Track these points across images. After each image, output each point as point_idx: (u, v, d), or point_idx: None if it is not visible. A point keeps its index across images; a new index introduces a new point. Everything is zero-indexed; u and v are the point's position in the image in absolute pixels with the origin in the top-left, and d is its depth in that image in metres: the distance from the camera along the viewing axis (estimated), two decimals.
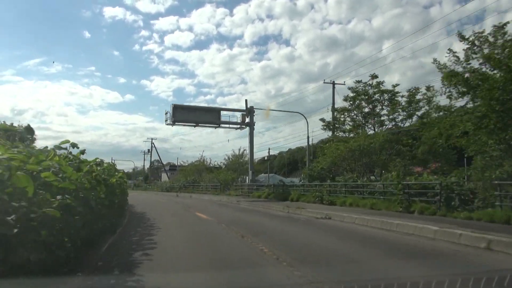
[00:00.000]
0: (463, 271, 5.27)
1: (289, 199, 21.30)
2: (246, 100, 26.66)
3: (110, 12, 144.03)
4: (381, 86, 22.06)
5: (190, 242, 8.11)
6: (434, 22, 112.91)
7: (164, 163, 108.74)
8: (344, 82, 28.36)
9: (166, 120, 26.99)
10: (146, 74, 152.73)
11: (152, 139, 67.81)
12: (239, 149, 41.54)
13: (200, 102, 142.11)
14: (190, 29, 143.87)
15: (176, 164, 75.24)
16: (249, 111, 28.50)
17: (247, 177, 35.45)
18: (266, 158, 46.57)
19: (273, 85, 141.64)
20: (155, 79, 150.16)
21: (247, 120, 28.43)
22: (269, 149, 47.41)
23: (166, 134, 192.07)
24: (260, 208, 18.52)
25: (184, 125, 28.16)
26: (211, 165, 53.74)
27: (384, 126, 23.26)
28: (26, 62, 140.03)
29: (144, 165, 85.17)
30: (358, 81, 23.02)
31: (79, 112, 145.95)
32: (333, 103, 26.89)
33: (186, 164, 56.23)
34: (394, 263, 5.88)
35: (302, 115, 23.80)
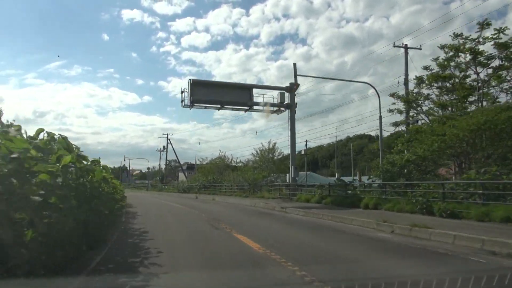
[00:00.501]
0: None
1: (360, 206, 14.55)
2: (294, 65, 19.25)
3: (128, 14, 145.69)
4: (501, 34, 14.78)
5: None
6: (455, 18, 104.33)
7: (181, 162, 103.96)
8: (420, 46, 21.49)
9: (182, 101, 20.63)
10: (164, 75, 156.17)
11: (168, 134, 61.92)
12: (269, 142, 34.95)
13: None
14: (207, 30, 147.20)
15: (194, 162, 69.28)
16: (290, 88, 21.83)
17: (282, 176, 28.86)
18: (303, 152, 39.69)
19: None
20: (172, 80, 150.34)
21: (287, 100, 21.76)
22: (306, 141, 40.49)
23: (183, 134, 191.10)
24: (330, 220, 11.81)
25: (205, 107, 21.67)
26: (232, 163, 47.35)
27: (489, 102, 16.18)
28: (47, 65, 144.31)
29: (160, 164, 79.43)
30: (457, 35, 15.96)
31: (98, 114, 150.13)
32: (406, 75, 20.00)
33: (205, 162, 50.03)
34: None
35: (373, 87, 17.10)
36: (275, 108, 22.00)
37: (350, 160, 48.76)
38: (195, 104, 20.64)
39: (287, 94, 21.81)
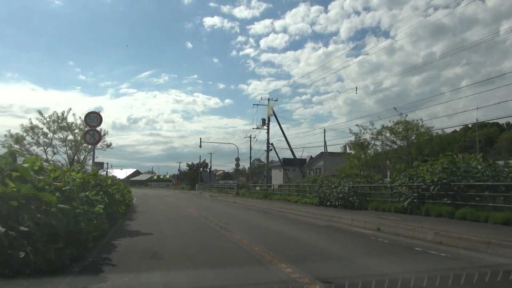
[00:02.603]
0: None
1: None
2: None
3: (209, 21, 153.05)
4: None
5: None
6: None
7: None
8: None
9: None
10: (244, 78, 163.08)
11: (269, 99, 36.68)
12: None
13: (296, 102, 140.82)
14: (285, 30, 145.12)
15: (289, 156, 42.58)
16: None
17: None
18: None
19: (371, 81, 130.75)
20: (252, 82, 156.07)
21: None
22: None
23: (264, 135, 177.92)
24: None
25: None
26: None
27: None
28: (138, 75, 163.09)
29: (250, 154, 53.30)
30: None
31: (184, 118, 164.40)
32: None
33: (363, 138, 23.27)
34: None
35: None
36: None
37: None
38: None
39: None
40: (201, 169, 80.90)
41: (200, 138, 74.96)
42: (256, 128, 37.32)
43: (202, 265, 5.46)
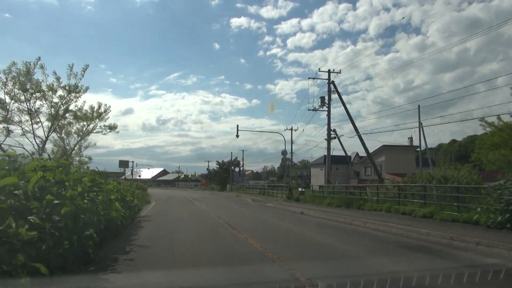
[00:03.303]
0: None
1: None
2: None
3: (236, 22, 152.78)
4: None
5: None
6: None
7: (294, 162, 73.41)
8: None
9: None
10: (271, 78, 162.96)
11: (330, 71, 27.39)
12: None
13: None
14: (312, 29, 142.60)
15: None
16: None
17: None
18: None
19: (402, 79, 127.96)
20: (279, 82, 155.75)
21: None
22: None
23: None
24: None
25: None
26: None
27: None
28: (167, 77, 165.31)
29: (292, 153, 44.22)
30: None
31: (211, 119, 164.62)
32: None
33: None
34: None
35: None
36: None
37: None
38: None
39: None
40: (232, 167, 72.65)
41: (237, 125, 64.01)
42: (313, 110, 28.18)
43: None
